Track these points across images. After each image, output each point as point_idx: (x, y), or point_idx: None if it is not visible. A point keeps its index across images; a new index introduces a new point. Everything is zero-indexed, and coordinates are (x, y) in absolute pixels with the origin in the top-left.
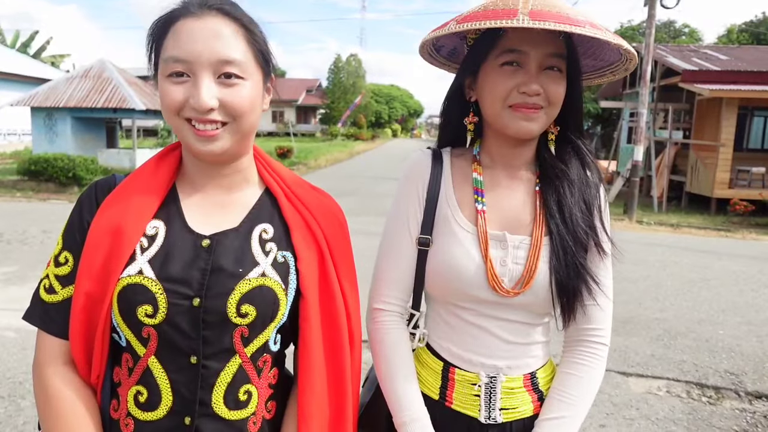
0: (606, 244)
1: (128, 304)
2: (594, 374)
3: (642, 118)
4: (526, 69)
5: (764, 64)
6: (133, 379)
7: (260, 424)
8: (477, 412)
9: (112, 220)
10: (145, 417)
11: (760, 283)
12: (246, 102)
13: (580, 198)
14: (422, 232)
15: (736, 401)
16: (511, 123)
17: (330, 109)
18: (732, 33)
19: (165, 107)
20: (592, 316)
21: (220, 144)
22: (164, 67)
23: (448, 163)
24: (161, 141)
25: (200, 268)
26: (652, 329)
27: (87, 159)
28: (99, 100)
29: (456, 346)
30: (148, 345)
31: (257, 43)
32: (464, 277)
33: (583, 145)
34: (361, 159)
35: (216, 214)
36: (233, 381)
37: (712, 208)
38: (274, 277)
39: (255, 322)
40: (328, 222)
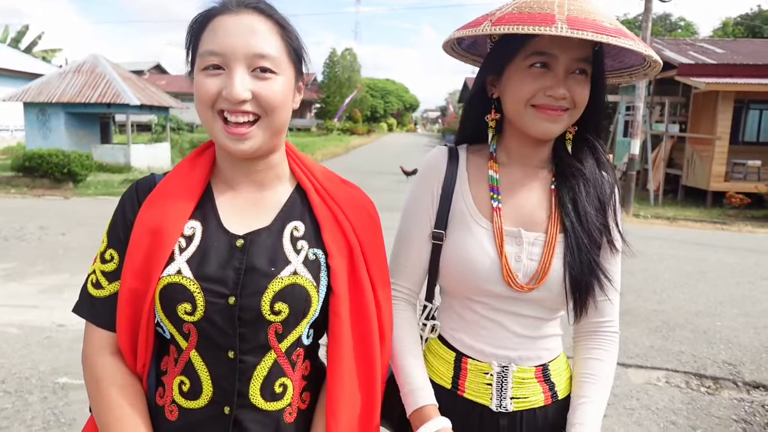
0: (618, 241)
1: (169, 301)
2: (612, 357)
3: (638, 112)
4: (554, 72)
5: (760, 57)
6: (178, 369)
7: (296, 414)
8: (489, 401)
9: (152, 220)
10: (188, 405)
11: (756, 275)
12: (278, 96)
13: (594, 197)
14: (436, 227)
15: (734, 391)
16: (534, 123)
17: (325, 103)
18: (727, 26)
19: (199, 99)
20: (603, 310)
21: (251, 143)
22: (200, 61)
23: (464, 160)
24: (155, 136)
25: (235, 267)
26: (651, 321)
27: (82, 155)
28: (93, 95)
29: (469, 338)
30: (189, 339)
31: (291, 41)
32: (479, 272)
33: (599, 145)
34: (358, 153)
35: (249, 213)
36: (269, 374)
37: (708, 201)
38: (306, 275)
39: (288, 319)
40: (359, 216)
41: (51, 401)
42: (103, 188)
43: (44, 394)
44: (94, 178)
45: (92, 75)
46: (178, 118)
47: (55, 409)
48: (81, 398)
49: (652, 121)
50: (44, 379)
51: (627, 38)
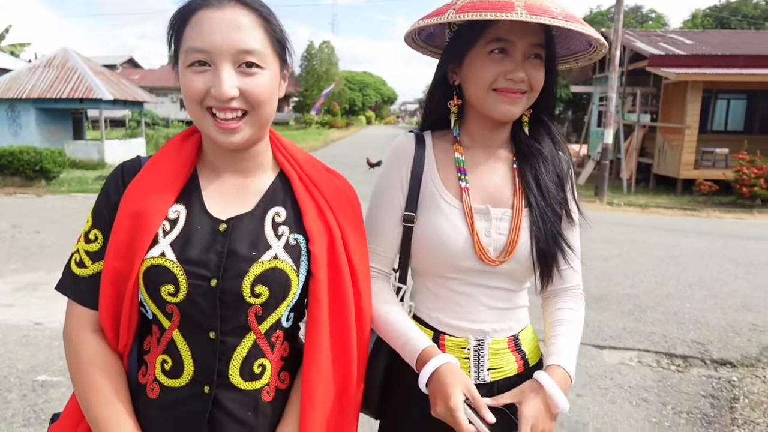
0: (575, 213)
1: (152, 283)
2: (580, 308)
3: (611, 102)
4: (512, 57)
5: (728, 48)
6: (160, 348)
7: (274, 394)
8: (468, 374)
9: (137, 202)
10: (169, 383)
11: (723, 258)
12: (265, 90)
13: (553, 173)
14: (407, 210)
15: (702, 368)
16: (496, 106)
17: (303, 97)
18: (697, 18)
19: (187, 96)
20: (568, 277)
21: (240, 135)
22: (185, 58)
23: (430, 144)
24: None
25: (217, 251)
26: (624, 304)
27: (54, 151)
28: (64, 90)
29: (445, 315)
30: (172, 319)
31: (275, 33)
32: (452, 249)
33: (554, 126)
34: (336, 147)
35: (232, 198)
36: (248, 355)
37: (679, 188)
38: (286, 260)
39: (268, 301)
40: (340, 204)
41: (30, 399)
42: (77, 185)
43: (23, 392)
44: (68, 175)
45: (63, 69)
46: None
47: (35, 407)
48: (60, 395)
49: (624, 112)
50: (23, 377)
51: (578, 23)
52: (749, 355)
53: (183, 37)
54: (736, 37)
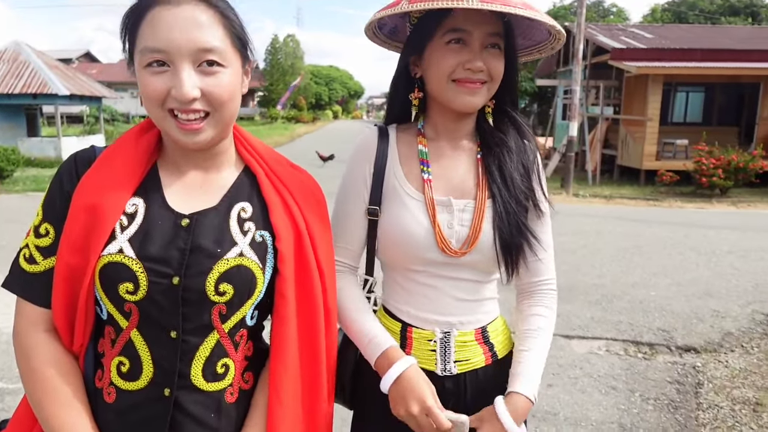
0: (543, 203)
1: (110, 281)
2: (551, 313)
3: (575, 95)
4: (470, 47)
5: (686, 42)
6: (116, 350)
7: (237, 395)
8: (434, 366)
9: (92, 194)
10: (126, 386)
11: (686, 246)
12: (227, 90)
13: (519, 163)
14: (371, 203)
15: (668, 355)
16: (456, 97)
17: (268, 91)
18: (656, 12)
19: (147, 98)
20: (537, 270)
21: (203, 136)
22: (142, 58)
23: (393, 138)
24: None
25: (179, 247)
26: (591, 294)
27: (7, 149)
28: (16, 85)
29: (412, 307)
30: (130, 319)
31: (234, 29)
32: (415, 241)
33: (518, 116)
34: (303, 142)
35: (195, 194)
36: (211, 355)
37: (642, 179)
38: (252, 257)
39: (233, 300)
40: (306, 200)
41: None
42: (33, 184)
43: None
44: (22, 174)
45: (15, 64)
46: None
47: None
48: (17, 403)
49: (588, 104)
50: None
51: (533, 10)
52: (712, 340)
53: (138, 35)
54: (694, 31)
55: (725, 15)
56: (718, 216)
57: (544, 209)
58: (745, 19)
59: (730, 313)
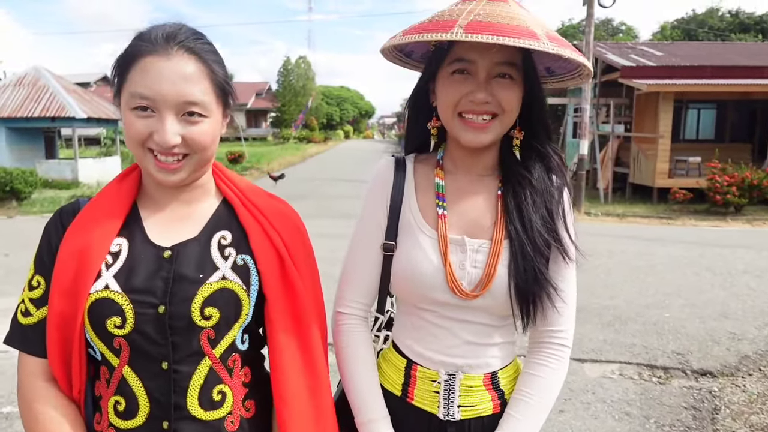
0: (570, 249)
1: (98, 317)
2: (556, 375)
3: (585, 114)
4: (475, 77)
5: (696, 59)
6: (111, 390)
7: (239, 423)
8: (436, 409)
9: (78, 242)
10: (125, 425)
11: (701, 266)
12: (207, 137)
13: (541, 204)
14: (387, 238)
15: (683, 379)
16: (461, 134)
17: (281, 112)
18: (665, 30)
19: (129, 138)
20: (552, 319)
21: (180, 176)
22: (130, 100)
23: (411, 169)
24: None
25: (163, 277)
26: (604, 316)
27: (25, 171)
28: (35, 109)
29: (418, 345)
30: (121, 355)
31: (218, 81)
32: (425, 281)
33: (550, 149)
34: (315, 161)
35: (176, 227)
36: (206, 382)
37: (654, 197)
38: (235, 279)
39: (219, 323)
40: (285, 226)
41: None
42: (50, 205)
43: None
44: (40, 195)
45: (34, 88)
46: None
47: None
48: None
49: (598, 122)
50: None
51: (529, 39)
52: (729, 364)
53: (128, 78)
54: (704, 48)
55: (735, 32)
56: (733, 234)
57: (571, 255)
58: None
59: (746, 335)
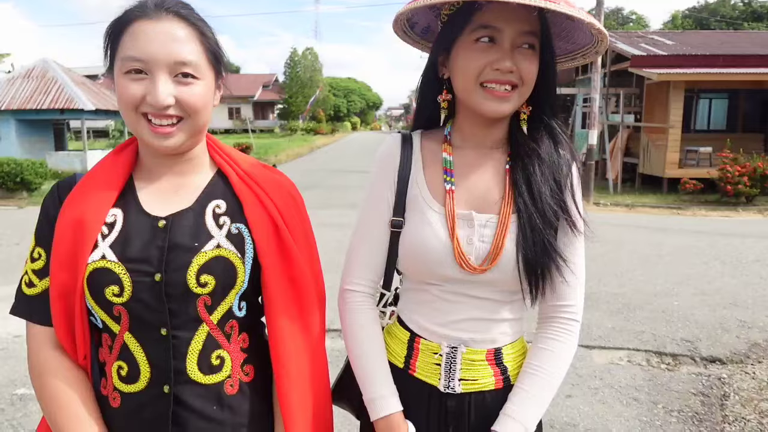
0: (578, 221)
1: (96, 287)
2: (566, 349)
3: (595, 104)
4: (500, 46)
5: (707, 48)
6: (114, 355)
7: (238, 386)
8: (437, 381)
9: (74, 213)
10: (128, 389)
11: (710, 255)
12: (200, 99)
13: (550, 176)
14: (395, 215)
15: (692, 366)
16: (483, 103)
17: (288, 104)
18: (677, 19)
19: (123, 102)
20: (562, 293)
21: (174, 140)
22: (122, 65)
23: (418, 145)
24: (113, 141)
25: (158, 246)
26: (612, 304)
27: (35, 162)
28: (44, 101)
29: (423, 318)
30: (121, 322)
31: (209, 45)
32: (433, 256)
33: (556, 124)
34: (322, 153)
35: (171, 197)
36: (204, 348)
37: (664, 187)
38: (229, 248)
39: (215, 290)
40: (280, 196)
41: (9, 413)
42: None
43: (2, 406)
44: (49, 187)
45: (43, 80)
46: None
47: (13, 421)
48: (40, 409)
49: (608, 112)
50: (1, 391)
51: (570, 6)
52: (738, 351)
53: (119, 45)
54: (716, 37)
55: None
56: (744, 224)
57: (579, 227)
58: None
59: (756, 323)
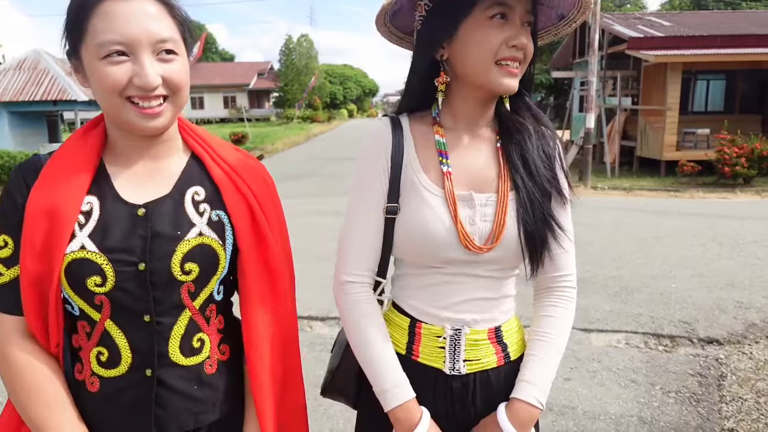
0: (566, 190)
1: (76, 278)
2: (568, 314)
3: (592, 87)
4: (512, 23)
5: (705, 29)
6: (93, 342)
7: (216, 366)
8: (442, 364)
9: (46, 200)
10: (108, 374)
11: (707, 237)
12: (183, 75)
13: (540, 149)
14: (389, 201)
15: (689, 347)
16: (500, 80)
17: (284, 92)
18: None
19: (105, 89)
20: (559, 262)
21: (162, 120)
22: (100, 50)
23: (407, 128)
24: None
25: (140, 235)
26: (610, 287)
27: (29, 155)
28: (37, 92)
29: (423, 304)
30: (102, 310)
31: (179, 17)
32: (437, 240)
33: (531, 101)
34: (319, 141)
35: (147, 183)
36: (186, 332)
37: (662, 170)
38: (211, 235)
39: (199, 277)
40: (254, 180)
41: None
42: None
43: None
44: None
45: (35, 71)
46: None
47: None
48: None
49: (605, 95)
50: None
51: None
52: (735, 332)
53: (88, 29)
54: (714, 17)
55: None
56: (742, 206)
57: (568, 196)
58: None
59: (754, 303)
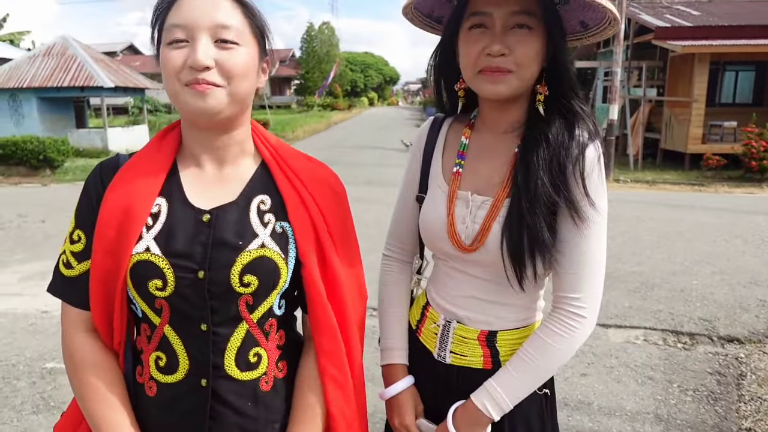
0: (583, 209)
1: (140, 279)
2: (564, 342)
3: (616, 77)
4: (491, 31)
5: (735, 18)
6: (153, 345)
7: (272, 383)
8: (433, 348)
9: (120, 200)
10: (165, 380)
11: (731, 233)
12: (240, 65)
13: (554, 161)
14: (420, 191)
15: (709, 346)
16: (482, 86)
17: (305, 79)
18: None
19: (166, 72)
20: (566, 283)
21: (212, 102)
22: (166, 36)
23: (445, 128)
24: (132, 119)
25: (202, 242)
26: (630, 282)
27: (57, 140)
28: (65, 78)
29: (433, 290)
30: (162, 315)
31: (254, 18)
32: (433, 231)
33: (576, 105)
34: (339, 129)
35: (214, 188)
36: (242, 345)
37: (686, 163)
38: (274, 248)
39: (258, 290)
40: (322, 192)
41: (39, 386)
42: (82, 174)
43: (32, 380)
44: (72, 164)
45: (63, 58)
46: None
47: (44, 393)
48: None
49: (630, 86)
50: (31, 365)
51: None
52: (757, 331)
53: (166, 21)
54: (744, 6)
55: None
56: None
57: (584, 216)
58: None
59: None
